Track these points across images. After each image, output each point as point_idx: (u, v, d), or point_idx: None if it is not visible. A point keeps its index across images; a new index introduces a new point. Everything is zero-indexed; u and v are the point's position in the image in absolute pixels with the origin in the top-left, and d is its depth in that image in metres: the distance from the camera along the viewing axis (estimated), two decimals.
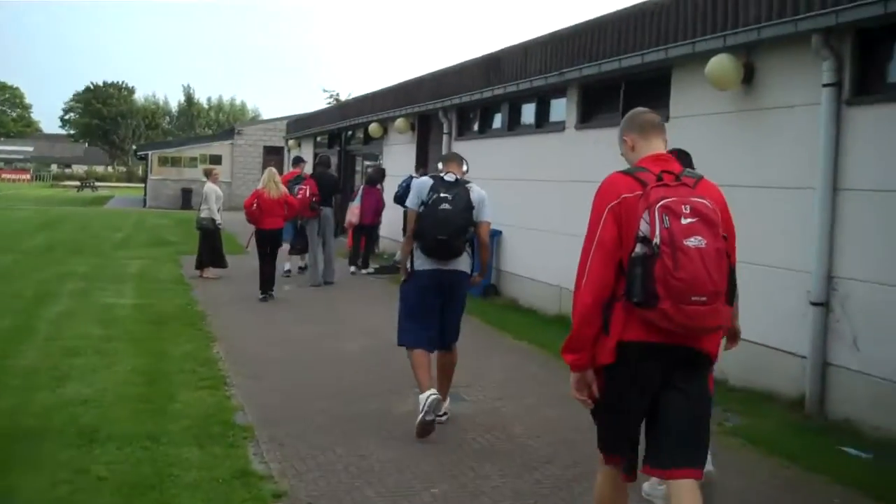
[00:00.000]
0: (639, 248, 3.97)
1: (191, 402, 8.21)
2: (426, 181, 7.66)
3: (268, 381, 9.23)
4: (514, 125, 16.14)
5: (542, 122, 14.94)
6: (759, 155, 9.34)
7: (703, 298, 3.87)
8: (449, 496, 6.02)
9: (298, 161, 18.59)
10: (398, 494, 6.02)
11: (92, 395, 8.30)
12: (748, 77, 9.43)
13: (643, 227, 3.98)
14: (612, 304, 4.09)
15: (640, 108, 4.65)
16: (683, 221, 3.91)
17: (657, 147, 4.40)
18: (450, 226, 7.36)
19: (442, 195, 7.40)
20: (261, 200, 14.93)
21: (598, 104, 13.10)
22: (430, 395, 7.34)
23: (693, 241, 3.88)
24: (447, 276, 7.57)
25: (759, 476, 6.62)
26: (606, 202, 4.14)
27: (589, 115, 13.25)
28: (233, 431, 7.31)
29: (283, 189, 15.35)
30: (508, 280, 15.53)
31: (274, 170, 15.74)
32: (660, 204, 3.95)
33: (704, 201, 4.02)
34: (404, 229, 7.90)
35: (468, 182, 7.68)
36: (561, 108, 14.06)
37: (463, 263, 7.63)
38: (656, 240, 3.90)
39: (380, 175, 20.08)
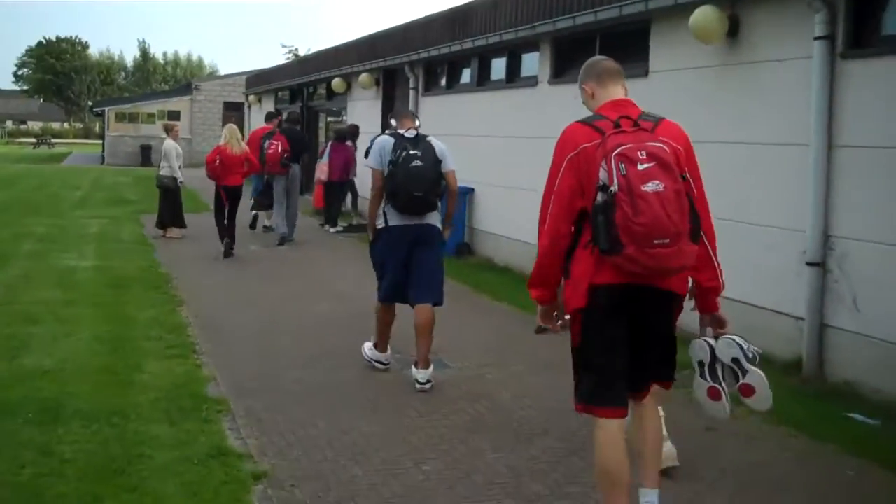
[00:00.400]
0: (600, 197, 4.06)
1: (159, 372, 7.78)
2: (387, 139, 7.63)
3: (239, 347, 8.81)
4: (483, 80, 15.62)
5: (514, 76, 14.45)
6: (746, 110, 8.96)
7: (666, 241, 3.97)
8: (441, 474, 5.63)
9: (272, 116, 18.23)
10: (387, 473, 5.62)
11: (53, 366, 7.84)
12: (733, 30, 9.01)
13: (602, 176, 4.07)
14: (579, 250, 4.24)
15: (597, 57, 4.82)
16: (640, 167, 3.98)
17: (616, 93, 4.51)
18: (425, 181, 7.42)
19: (411, 152, 7.44)
20: (223, 156, 14.70)
21: (572, 58, 12.58)
22: (377, 360, 8.05)
23: (651, 186, 3.95)
24: (418, 230, 7.60)
25: (767, 447, 6.26)
26: (566, 153, 4.26)
27: (563, 70, 12.78)
28: (206, 405, 6.88)
29: (245, 146, 15.25)
30: (482, 238, 15.13)
31: (235, 126, 15.49)
32: (616, 152, 4.02)
33: (661, 145, 4.09)
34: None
35: (428, 136, 7.78)
36: (533, 63, 13.58)
37: (434, 217, 7.68)
38: (614, 187, 3.98)
39: (352, 131, 19.62)
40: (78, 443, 5.97)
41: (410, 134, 7.63)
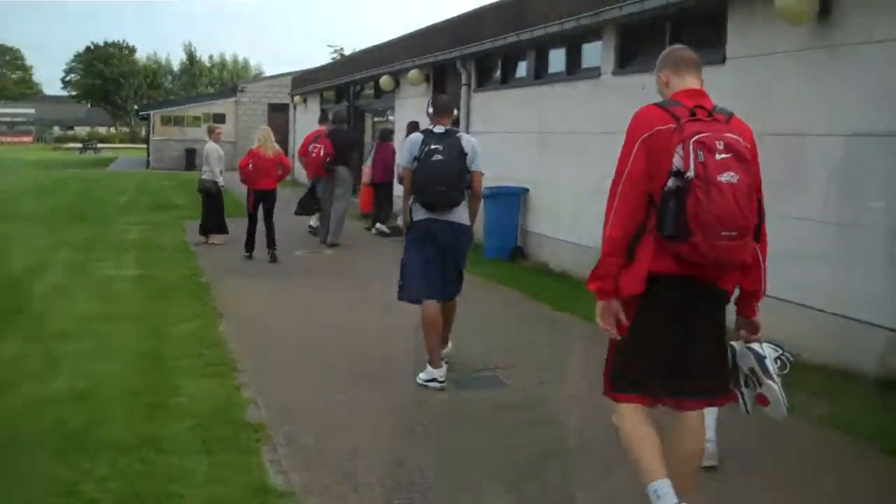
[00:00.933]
0: (671, 182, 4.00)
1: (197, 394, 7.19)
2: (417, 136, 7.72)
3: (282, 364, 8.23)
4: (541, 73, 14.90)
5: (574, 68, 13.73)
6: (840, 98, 8.14)
7: (734, 233, 3.94)
8: None
9: (325, 118, 18.01)
10: None
11: (84, 388, 7.23)
12: (825, 8, 8.23)
13: (677, 162, 3.99)
14: (642, 236, 4.12)
15: (676, 45, 4.70)
16: (717, 157, 3.93)
17: (691, 84, 4.39)
18: (445, 176, 7.42)
19: (433, 147, 7.46)
20: (255, 160, 14.55)
21: (639, 46, 11.90)
22: (434, 378, 7.42)
23: (726, 177, 3.91)
24: (446, 226, 7.58)
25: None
26: (639, 134, 4.15)
27: (628, 60, 12.05)
28: (244, 433, 6.28)
29: (278, 148, 15.06)
30: (537, 242, 14.42)
31: (269, 129, 15.39)
32: (694, 139, 3.96)
33: (737, 137, 4.04)
34: None
35: (458, 132, 7.87)
36: (595, 53, 12.86)
37: (461, 215, 7.65)
38: (690, 174, 3.92)
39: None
40: (106, 479, 5.38)
41: (439, 129, 7.64)
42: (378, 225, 18.30)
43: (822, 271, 8.07)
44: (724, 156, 3.94)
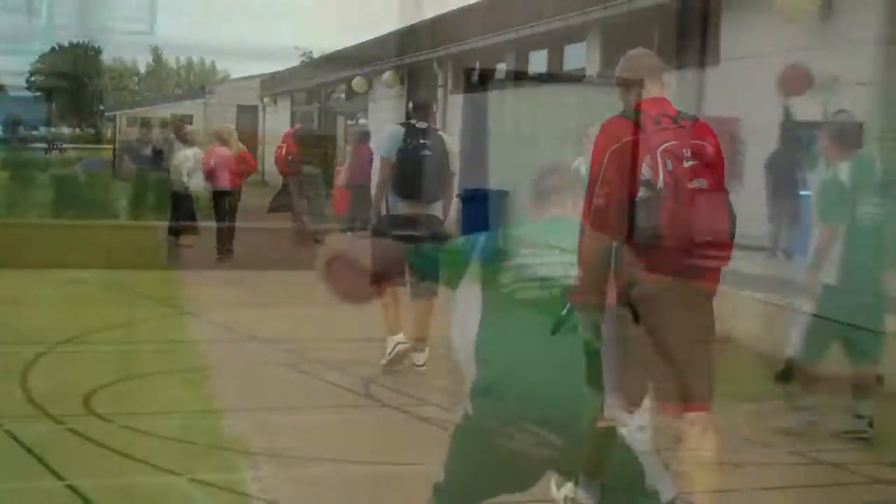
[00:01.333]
0: (642, 192, 4.05)
1: (168, 407, 6.78)
2: (398, 129, 7.94)
3: (257, 376, 7.82)
4: (522, 75, 14.64)
5: (557, 70, 13.49)
6: (834, 99, 7.87)
7: (708, 238, 4.03)
8: None
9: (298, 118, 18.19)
10: None
11: (49, 404, 6.69)
12: (826, 4, 8.00)
13: (645, 171, 4.06)
14: (619, 246, 4.12)
15: (635, 51, 4.77)
16: (685, 164, 4.02)
17: (653, 91, 4.42)
18: (431, 170, 7.64)
19: (421, 141, 7.68)
20: (218, 158, 14.56)
21: (625, 47, 11.61)
22: (398, 342, 7.53)
23: (696, 184, 4.00)
24: (421, 219, 7.70)
25: None
26: (608, 146, 4.15)
27: (614, 61, 11.78)
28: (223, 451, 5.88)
29: (241, 146, 15.12)
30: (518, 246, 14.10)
31: (231, 126, 15.76)
32: (661, 148, 4.04)
33: (704, 143, 4.14)
34: None
35: (438, 130, 8.24)
36: (579, 54, 12.66)
37: (436, 208, 7.84)
38: (660, 184, 3.99)
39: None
40: None
41: (422, 125, 7.85)
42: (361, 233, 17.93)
43: None
44: (691, 163, 4.02)
